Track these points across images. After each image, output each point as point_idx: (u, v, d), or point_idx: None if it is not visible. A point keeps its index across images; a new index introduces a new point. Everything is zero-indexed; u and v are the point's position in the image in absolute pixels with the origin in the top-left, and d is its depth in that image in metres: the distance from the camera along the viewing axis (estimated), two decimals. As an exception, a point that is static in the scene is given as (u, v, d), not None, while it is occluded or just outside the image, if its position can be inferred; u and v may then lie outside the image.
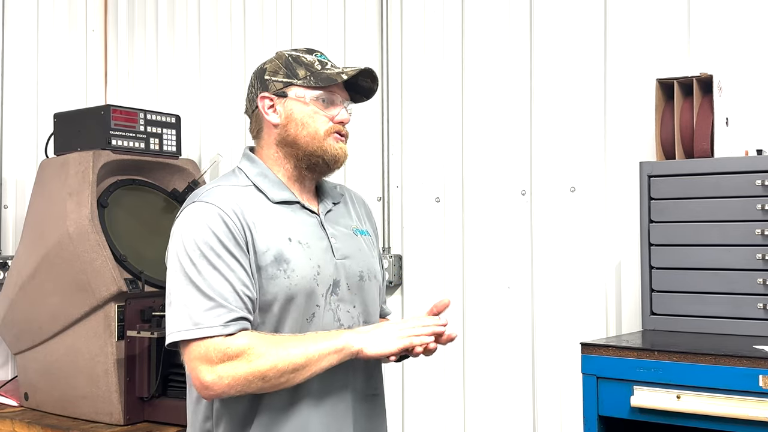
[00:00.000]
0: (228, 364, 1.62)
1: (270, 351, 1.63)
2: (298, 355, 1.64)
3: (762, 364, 1.86)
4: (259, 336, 1.67)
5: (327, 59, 1.85)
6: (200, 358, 1.64)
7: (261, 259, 1.71)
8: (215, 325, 1.63)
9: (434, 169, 3.02)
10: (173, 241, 1.74)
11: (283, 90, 1.82)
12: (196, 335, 1.64)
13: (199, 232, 1.69)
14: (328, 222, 1.85)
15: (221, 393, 1.65)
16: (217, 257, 1.67)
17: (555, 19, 2.80)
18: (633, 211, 2.55)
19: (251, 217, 1.73)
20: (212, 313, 1.64)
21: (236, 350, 1.63)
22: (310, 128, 1.80)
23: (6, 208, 3.67)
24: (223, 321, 1.64)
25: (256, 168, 1.83)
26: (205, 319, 1.64)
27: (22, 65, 3.73)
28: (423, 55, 3.07)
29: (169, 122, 3.32)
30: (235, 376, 1.62)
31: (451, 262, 2.97)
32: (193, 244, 1.69)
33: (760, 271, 2.15)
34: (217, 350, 1.63)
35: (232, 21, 3.58)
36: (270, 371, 1.63)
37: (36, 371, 3.08)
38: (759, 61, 2.45)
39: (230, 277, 1.67)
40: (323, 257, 1.78)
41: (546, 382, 2.78)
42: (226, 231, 1.69)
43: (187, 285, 1.67)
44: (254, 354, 1.63)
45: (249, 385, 1.64)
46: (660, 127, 2.44)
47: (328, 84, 1.80)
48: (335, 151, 1.81)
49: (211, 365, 1.63)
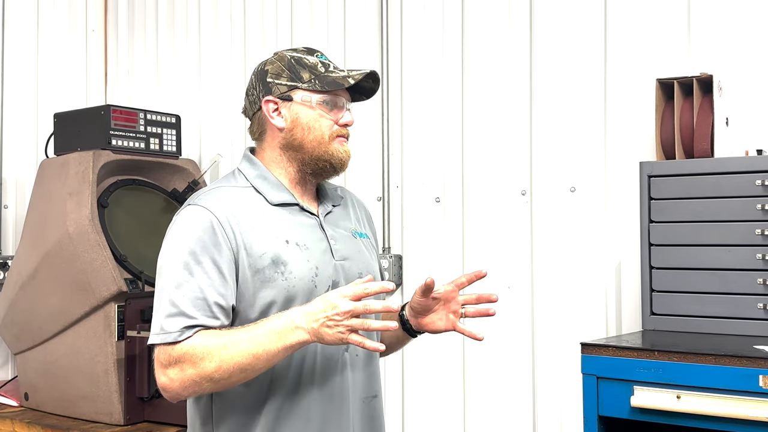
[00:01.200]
0: (176, 366, 1.64)
1: (213, 352, 1.63)
2: (244, 353, 1.62)
3: (762, 364, 1.86)
4: (206, 336, 1.65)
5: (328, 60, 1.85)
6: (158, 362, 1.68)
7: (257, 263, 1.71)
8: (173, 331, 1.65)
9: (434, 169, 3.02)
10: (164, 244, 1.75)
11: (287, 93, 1.80)
12: (158, 341, 1.67)
13: (185, 238, 1.70)
14: (328, 224, 1.85)
15: (176, 394, 1.68)
16: (197, 263, 1.68)
17: (555, 19, 2.80)
18: (633, 211, 2.55)
19: (247, 221, 1.73)
20: (174, 320, 1.66)
21: (179, 353, 1.64)
22: (316, 132, 1.79)
23: (6, 208, 3.67)
24: (180, 327, 1.65)
25: (256, 170, 1.83)
26: (168, 325, 1.66)
27: (22, 65, 3.73)
28: (423, 55, 3.07)
29: (169, 122, 3.32)
30: (183, 378, 1.64)
31: (451, 262, 2.97)
32: (177, 249, 1.70)
33: (760, 271, 2.15)
34: (165, 354, 1.66)
35: (232, 21, 3.58)
36: (215, 372, 1.63)
37: (36, 371, 3.08)
38: (759, 61, 2.45)
39: (203, 284, 1.67)
40: (322, 259, 1.78)
41: (546, 382, 2.78)
42: (212, 238, 1.69)
43: (162, 290, 1.70)
44: (198, 356, 1.63)
45: (201, 386, 1.65)
46: (660, 127, 2.44)
47: (335, 89, 1.80)
48: (341, 154, 1.81)
49: (164, 369, 1.66)
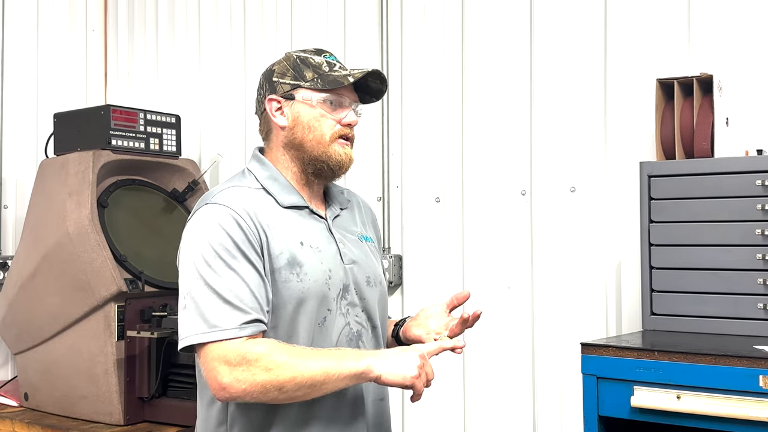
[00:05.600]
0: (246, 369, 1.59)
1: (290, 362, 1.60)
2: (319, 371, 1.60)
3: (762, 364, 1.86)
4: (281, 345, 1.63)
5: (336, 60, 1.84)
6: (219, 359, 1.61)
7: (275, 262, 1.70)
8: (231, 327, 1.62)
9: (434, 169, 3.02)
10: (186, 243, 1.72)
11: (290, 92, 1.80)
12: (213, 338, 1.62)
13: (213, 233, 1.68)
14: (336, 227, 1.85)
15: (236, 396, 1.62)
16: (233, 258, 1.66)
17: (555, 19, 2.80)
18: (633, 211, 2.55)
19: (264, 220, 1.72)
20: (228, 315, 1.62)
21: (256, 355, 1.60)
22: (316, 132, 1.79)
23: (6, 208, 3.67)
24: (239, 323, 1.62)
25: (266, 171, 1.82)
26: (221, 321, 1.62)
27: (22, 65, 3.73)
28: (423, 55, 3.07)
29: (169, 122, 3.32)
30: (253, 382, 1.59)
31: (451, 262, 2.97)
32: (207, 245, 1.67)
33: (760, 271, 2.15)
34: (236, 353, 1.60)
35: (232, 21, 3.58)
36: (288, 383, 1.59)
37: (36, 371, 3.08)
38: (759, 61, 2.45)
39: (246, 278, 1.65)
40: (333, 262, 1.78)
41: (546, 382, 2.78)
42: (239, 232, 1.68)
43: (202, 287, 1.65)
44: (274, 363, 1.59)
45: (265, 394, 1.60)
46: (660, 127, 2.44)
47: (335, 86, 1.79)
48: (339, 156, 1.80)
49: (230, 367, 1.60)
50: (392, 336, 1.97)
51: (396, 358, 1.64)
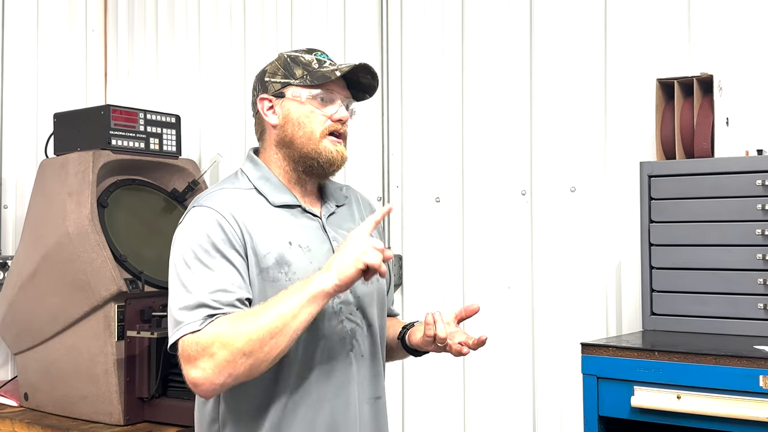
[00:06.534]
0: (206, 355, 1.59)
1: (240, 326, 1.59)
2: (274, 318, 1.59)
3: (762, 364, 1.86)
4: (229, 317, 1.63)
5: (326, 58, 1.84)
6: (183, 358, 1.63)
7: (262, 262, 1.71)
8: (194, 321, 1.62)
9: (434, 169, 3.02)
10: (173, 246, 1.75)
11: (281, 90, 1.81)
12: (177, 335, 1.64)
13: (195, 236, 1.70)
14: (330, 225, 1.84)
15: (211, 385, 1.61)
16: (210, 257, 1.67)
17: (555, 19, 2.80)
18: (633, 211, 2.55)
19: (251, 221, 1.73)
20: (194, 311, 1.63)
21: (209, 338, 1.60)
22: (306, 128, 1.79)
23: (6, 208, 3.67)
24: (202, 316, 1.62)
25: (259, 171, 1.83)
26: (186, 317, 1.64)
27: (22, 65, 3.73)
28: (423, 55, 3.07)
29: (169, 122, 3.32)
30: (216, 363, 1.59)
31: (451, 262, 2.97)
32: (188, 248, 1.70)
33: (760, 271, 2.15)
34: (191, 345, 1.61)
35: (232, 21, 3.58)
36: (247, 345, 1.58)
37: (36, 371, 3.08)
38: (759, 61, 2.45)
39: (220, 274, 1.66)
40: (324, 260, 1.77)
41: (546, 382, 2.78)
42: (220, 233, 1.69)
43: (179, 287, 1.68)
44: (227, 335, 1.59)
45: (235, 366, 1.59)
46: (660, 127, 2.44)
47: (323, 81, 1.79)
48: (330, 153, 1.79)
49: (192, 362, 1.61)
50: (398, 338, 1.96)
51: (337, 257, 1.63)
